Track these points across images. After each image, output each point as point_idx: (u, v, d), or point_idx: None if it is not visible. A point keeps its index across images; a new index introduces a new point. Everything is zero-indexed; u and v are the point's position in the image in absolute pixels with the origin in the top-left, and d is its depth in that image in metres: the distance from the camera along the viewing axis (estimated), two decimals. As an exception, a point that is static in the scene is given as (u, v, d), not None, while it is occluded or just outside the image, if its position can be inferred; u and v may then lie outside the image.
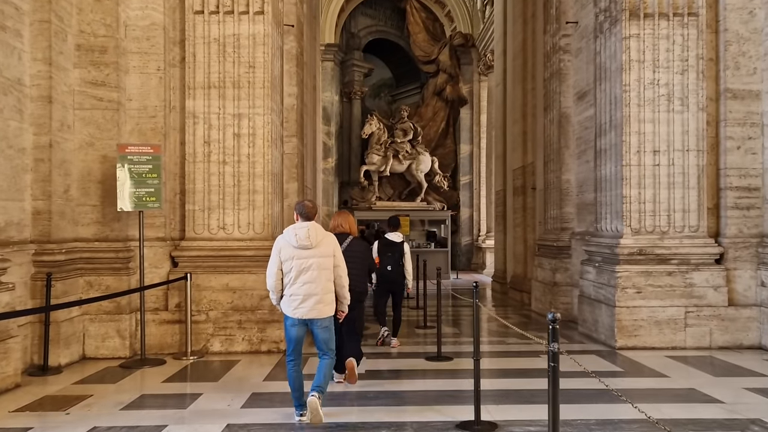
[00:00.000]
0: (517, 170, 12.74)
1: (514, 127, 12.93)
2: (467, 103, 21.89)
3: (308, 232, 4.38)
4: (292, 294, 4.37)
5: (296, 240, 4.38)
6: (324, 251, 4.45)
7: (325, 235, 4.54)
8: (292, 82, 9.22)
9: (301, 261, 4.37)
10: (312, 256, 4.38)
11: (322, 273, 4.41)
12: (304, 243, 4.36)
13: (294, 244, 4.39)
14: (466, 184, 21.88)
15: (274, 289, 4.49)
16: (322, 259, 4.42)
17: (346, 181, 22.48)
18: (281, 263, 4.43)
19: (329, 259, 4.47)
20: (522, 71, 12.36)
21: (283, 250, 4.42)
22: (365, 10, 23.48)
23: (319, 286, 4.38)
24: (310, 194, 12.00)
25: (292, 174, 9.17)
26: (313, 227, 4.45)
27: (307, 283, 4.36)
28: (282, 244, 4.45)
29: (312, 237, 4.38)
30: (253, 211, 6.86)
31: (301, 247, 4.37)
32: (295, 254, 4.38)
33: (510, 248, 13.57)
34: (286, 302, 4.42)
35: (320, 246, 4.43)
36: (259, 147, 6.87)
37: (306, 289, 4.35)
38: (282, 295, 4.47)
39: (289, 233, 4.44)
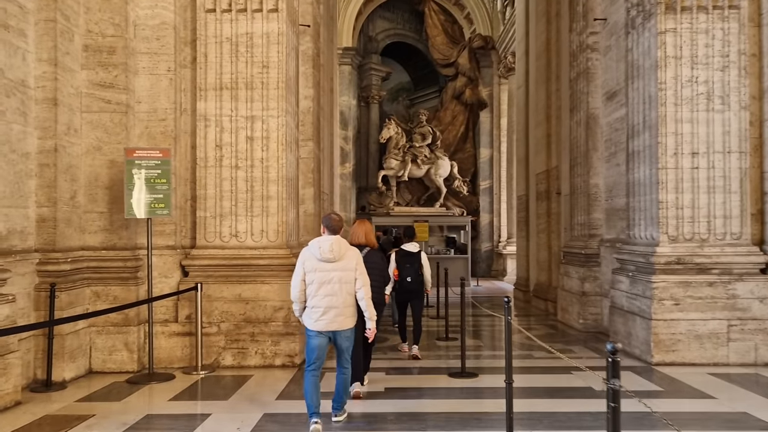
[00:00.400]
0: (540, 174, 12.31)
1: (537, 129, 12.51)
2: (487, 106, 21.46)
3: (332, 246, 4.44)
4: (314, 306, 4.44)
5: (320, 253, 4.44)
6: (346, 265, 4.50)
7: (348, 248, 4.59)
8: (309, 84, 8.91)
9: (323, 274, 4.43)
10: (334, 270, 4.45)
11: (344, 286, 4.47)
12: (327, 256, 4.42)
13: (318, 257, 4.45)
14: (486, 189, 21.44)
15: (297, 299, 4.53)
16: (344, 273, 4.48)
17: (363, 186, 22.16)
18: (305, 274, 4.47)
19: (351, 273, 4.52)
20: (545, 72, 11.94)
21: (307, 262, 4.49)
22: (383, 14, 23.19)
23: (340, 299, 4.44)
24: (327, 200, 11.69)
25: (308, 179, 8.85)
26: (337, 241, 4.51)
27: (328, 295, 4.42)
28: (306, 255, 4.52)
29: (335, 250, 4.44)
30: (266, 218, 6.53)
31: (325, 260, 4.43)
32: (318, 266, 4.44)
33: (533, 255, 13.13)
34: (308, 314, 4.48)
35: (343, 259, 4.49)
36: (273, 151, 6.55)
37: (327, 302, 4.41)
38: (305, 307, 4.52)
39: (314, 245, 4.50)
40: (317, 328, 4.42)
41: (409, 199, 21.16)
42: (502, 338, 8.81)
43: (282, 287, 6.43)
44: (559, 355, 4.56)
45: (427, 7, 22.25)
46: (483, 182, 21.48)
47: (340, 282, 4.45)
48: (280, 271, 6.48)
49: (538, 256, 12.49)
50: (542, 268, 12.14)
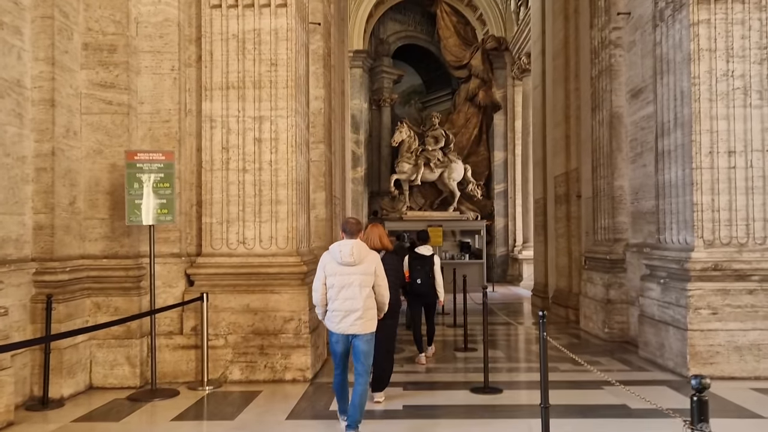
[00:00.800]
0: (558, 177, 11.89)
1: (555, 130, 12.10)
2: (501, 108, 21.06)
3: (351, 249, 4.46)
4: (334, 309, 4.48)
5: (340, 256, 4.47)
6: (366, 269, 4.51)
7: (368, 252, 4.61)
8: (319, 85, 8.58)
9: (343, 277, 4.46)
10: (354, 273, 4.47)
11: (363, 290, 4.49)
12: (347, 260, 4.44)
13: (338, 261, 4.48)
14: (500, 193, 21.01)
15: (320, 303, 4.59)
16: (363, 277, 4.50)
17: (375, 190, 21.80)
18: (326, 278, 4.53)
19: (370, 277, 4.54)
20: (563, 71, 11.54)
21: (328, 266, 4.53)
22: (394, 16, 22.88)
23: (360, 302, 4.46)
24: (339, 205, 11.35)
25: (320, 183, 8.50)
26: (357, 245, 4.52)
27: (349, 299, 4.45)
28: (327, 259, 4.56)
29: (355, 254, 4.45)
30: (275, 223, 6.18)
31: (345, 264, 4.46)
32: (338, 270, 4.48)
33: (551, 260, 12.69)
34: (329, 317, 4.53)
35: (363, 263, 4.51)
36: (282, 153, 6.21)
37: (347, 305, 4.45)
38: (326, 310, 4.57)
39: (334, 249, 4.54)
40: (338, 330, 4.49)
41: (422, 203, 20.78)
42: (523, 349, 8.40)
43: (293, 297, 6.08)
44: (587, 367, 4.20)
45: (439, 8, 21.91)
46: (497, 186, 21.05)
47: (360, 285, 4.47)
48: (291, 279, 6.13)
49: (557, 261, 12.07)
50: (562, 274, 11.71)
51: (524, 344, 8.79)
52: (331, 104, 9.43)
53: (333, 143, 10.12)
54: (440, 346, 8.39)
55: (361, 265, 4.48)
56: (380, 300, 4.64)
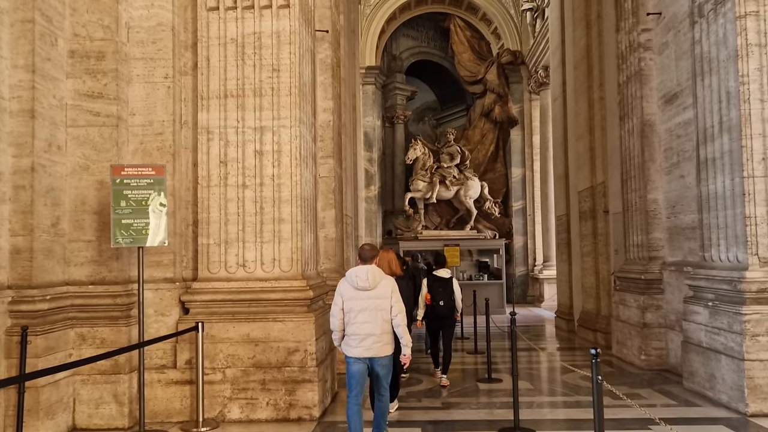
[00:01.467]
0: (583, 192, 11.23)
1: (578, 143, 11.47)
2: (518, 123, 20.46)
3: (366, 275, 4.59)
4: (352, 333, 4.58)
5: (356, 282, 4.60)
6: (381, 293, 4.61)
7: (383, 277, 4.71)
8: (328, 96, 8.05)
9: (360, 302, 4.58)
10: (370, 298, 4.58)
11: (380, 314, 4.58)
12: (363, 285, 4.58)
13: (354, 286, 4.61)
14: (518, 210, 20.33)
15: (337, 329, 4.69)
16: (379, 301, 4.60)
17: (389, 210, 21.22)
18: (343, 303, 4.63)
19: (386, 301, 4.62)
20: (586, 80, 10.95)
21: (345, 291, 4.65)
22: (407, 32, 22.49)
23: (376, 326, 4.56)
24: (350, 224, 10.77)
25: (329, 200, 7.93)
26: (372, 270, 4.64)
27: (366, 323, 4.55)
28: (344, 285, 4.69)
29: (370, 279, 4.58)
30: (278, 244, 5.60)
31: (361, 289, 4.58)
32: (354, 295, 4.60)
33: (577, 280, 11.98)
34: (347, 341, 4.63)
35: (378, 288, 4.61)
36: (285, 166, 5.64)
37: (364, 329, 4.55)
38: (343, 335, 4.67)
39: (351, 275, 4.66)
40: (355, 354, 4.57)
41: (438, 222, 20.14)
42: (552, 379, 7.69)
43: (298, 326, 5.46)
44: (628, 401, 3.58)
45: (453, 23, 21.49)
46: (515, 203, 20.38)
47: (376, 310, 4.57)
48: (295, 306, 5.52)
49: (582, 281, 11.35)
50: (588, 295, 10.99)
51: (553, 373, 8.07)
52: (341, 117, 8.90)
53: (344, 159, 9.57)
54: (461, 375, 7.72)
55: (376, 289, 4.59)
56: (395, 323, 4.65)
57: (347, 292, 4.61)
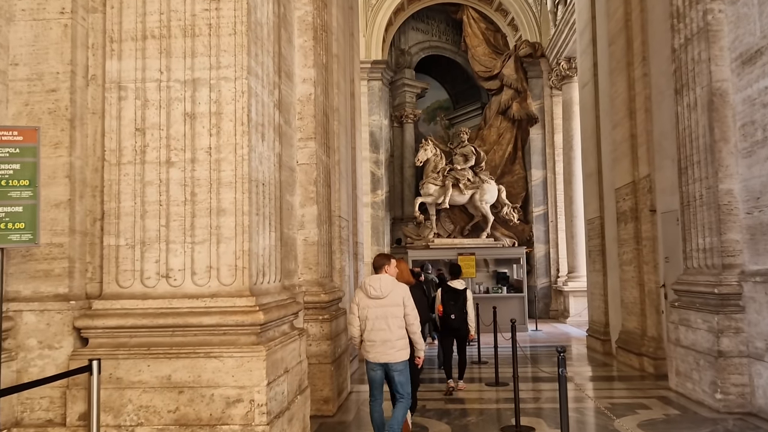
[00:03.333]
0: (622, 189, 9.46)
1: (615, 132, 9.71)
2: (537, 121, 18.70)
3: (378, 283, 4.85)
4: (368, 340, 4.86)
5: (368, 290, 4.87)
6: (394, 300, 4.84)
7: (395, 285, 4.92)
8: (308, 63, 6.40)
9: (373, 310, 4.84)
10: (383, 305, 4.83)
11: (393, 321, 4.83)
12: (374, 293, 4.84)
13: (367, 294, 4.88)
14: (539, 216, 18.52)
15: (356, 335, 4.98)
16: (392, 308, 4.84)
17: (398, 216, 19.52)
18: (358, 311, 4.90)
19: (399, 308, 4.86)
20: (625, 56, 9.21)
21: (360, 300, 4.92)
22: (416, 25, 20.89)
23: (390, 332, 4.81)
24: (346, 227, 9.09)
25: (309, 193, 6.25)
26: (384, 279, 4.90)
27: (380, 330, 4.82)
28: (360, 294, 4.96)
29: (383, 288, 4.84)
30: (217, 245, 3.90)
31: (373, 297, 4.84)
32: (368, 303, 4.86)
33: (613, 293, 10.18)
34: (365, 347, 4.90)
35: (390, 296, 4.85)
36: (227, 134, 3.96)
37: (380, 336, 4.81)
38: (362, 340, 4.92)
39: (364, 283, 4.94)
40: (373, 359, 4.82)
41: (452, 229, 18.39)
42: (598, 426, 5.88)
43: (241, 364, 3.73)
44: None
45: (466, 14, 19.86)
46: (536, 208, 18.57)
47: (390, 317, 4.81)
48: (239, 334, 3.81)
49: (622, 295, 9.55)
50: (630, 312, 9.18)
51: (597, 417, 6.25)
52: (329, 95, 7.24)
53: (334, 148, 7.91)
54: (478, 419, 5.97)
55: (388, 297, 4.83)
56: (410, 330, 4.92)
57: (362, 300, 4.90)
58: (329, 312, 6.35)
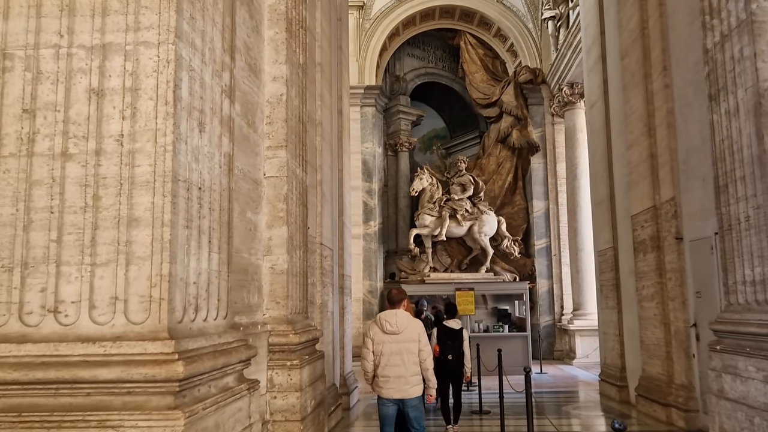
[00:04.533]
0: (640, 215, 8.43)
1: (630, 153, 8.73)
2: (539, 150, 17.79)
3: (394, 319, 4.88)
4: (382, 375, 4.85)
5: (384, 326, 4.87)
6: (409, 336, 4.89)
7: (410, 321, 4.98)
8: (279, 59, 5.41)
9: (388, 345, 4.84)
10: (398, 341, 4.85)
11: (408, 357, 4.85)
12: (390, 329, 4.85)
13: (383, 330, 4.87)
14: (541, 250, 17.44)
15: (369, 370, 4.94)
16: (407, 344, 4.87)
17: (392, 249, 18.43)
18: (373, 346, 4.88)
19: (414, 344, 4.90)
20: (641, 68, 8.29)
21: (375, 335, 4.91)
22: (412, 51, 20.17)
23: (404, 368, 4.83)
24: (330, 257, 8.02)
25: (278, 212, 5.19)
26: (399, 314, 4.94)
27: (394, 365, 4.82)
28: (374, 329, 4.96)
29: (399, 323, 4.87)
30: (125, 268, 2.81)
31: (389, 333, 4.85)
32: (383, 339, 4.86)
33: (631, 333, 9.06)
34: (377, 383, 4.90)
35: (405, 332, 4.88)
36: (145, 116, 2.92)
37: (394, 371, 4.82)
38: (375, 375, 4.90)
39: (380, 319, 4.94)
40: (386, 395, 4.85)
41: (449, 263, 17.29)
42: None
43: (154, 436, 2.62)
44: None
45: (463, 40, 19.14)
46: (538, 241, 17.51)
47: (405, 353, 4.85)
48: (151, 394, 2.69)
49: (642, 335, 8.43)
50: (653, 355, 8.05)
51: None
52: (306, 101, 6.23)
53: (313, 164, 6.92)
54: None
55: (404, 333, 4.86)
56: (424, 366, 4.94)
57: (377, 335, 4.89)
58: (300, 356, 5.21)
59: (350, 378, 9.48)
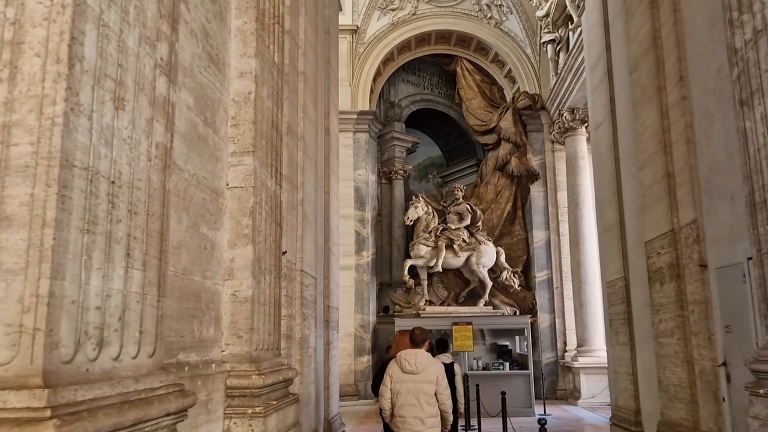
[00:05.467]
0: (655, 241, 7.64)
1: (643, 173, 7.99)
2: (539, 178, 17.12)
3: (414, 359, 4.92)
4: (399, 416, 4.88)
5: (404, 365, 4.92)
6: (427, 377, 4.90)
7: (430, 361, 5.00)
8: (248, 52, 4.67)
9: (406, 385, 4.88)
10: (416, 381, 4.88)
11: (423, 398, 4.85)
12: (409, 368, 4.88)
13: (402, 369, 4.91)
14: (542, 282, 16.61)
15: (386, 408, 4.98)
16: (425, 385, 4.89)
17: (386, 281, 17.58)
18: (392, 384, 4.93)
19: (431, 386, 4.90)
20: (654, 80, 7.60)
21: (394, 373, 4.97)
22: (407, 77, 19.65)
23: (421, 410, 4.82)
24: (313, 286, 7.20)
25: (241, 228, 4.38)
26: (420, 354, 4.99)
27: (412, 405, 4.83)
28: (394, 367, 5.00)
29: (418, 364, 4.90)
30: (-13, 285, 2.02)
31: (408, 372, 4.89)
32: (402, 378, 4.91)
33: (646, 373, 8.19)
34: (394, 422, 4.93)
35: (424, 372, 4.90)
36: (29, 78, 2.14)
37: (410, 412, 4.83)
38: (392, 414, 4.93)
39: (400, 358, 5.00)
40: None
41: (445, 296, 16.44)
42: None
43: None
44: None
45: (460, 66, 18.63)
46: (539, 273, 16.70)
47: (420, 393, 4.85)
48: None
49: (660, 375, 7.55)
50: (674, 397, 7.17)
51: None
52: (281, 105, 5.48)
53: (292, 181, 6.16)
54: None
55: (423, 373, 4.87)
56: (442, 408, 4.96)
57: (396, 374, 4.94)
58: (266, 401, 4.34)
59: (336, 422, 8.54)
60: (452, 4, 17.79)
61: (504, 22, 17.68)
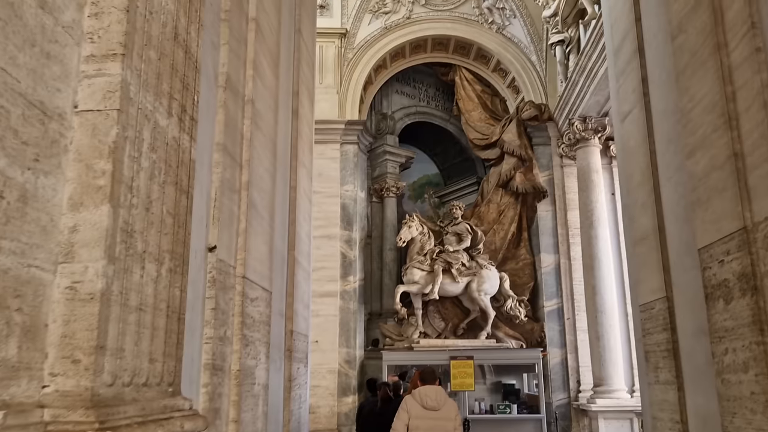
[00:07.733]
0: (716, 246, 5.78)
1: (694, 161, 6.20)
2: (546, 196, 15.35)
3: (436, 395, 5.29)
4: None
5: (425, 401, 5.22)
6: (446, 414, 5.24)
7: (446, 399, 5.43)
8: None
9: (427, 421, 5.14)
10: (436, 418, 5.17)
11: None
12: (431, 404, 5.22)
13: (423, 405, 5.22)
14: (552, 312, 14.67)
15: None
16: (444, 422, 5.17)
17: (376, 311, 15.65)
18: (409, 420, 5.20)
19: (450, 423, 5.19)
20: (711, 36, 5.83)
21: (412, 409, 5.26)
22: (401, 88, 18.07)
23: None
24: (263, 301, 5.42)
25: (93, 176, 2.55)
26: (439, 391, 5.38)
27: None
28: (411, 403, 5.30)
29: (439, 400, 5.29)
30: None
31: (429, 408, 5.21)
32: (423, 414, 5.19)
33: (703, 420, 6.24)
34: None
35: (443, 409, 5.27)
36: None
37: None
38: None
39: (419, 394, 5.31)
40: None
41: (442, 327, 14.48)
42: None
43: None
44: None
45: (458, 76, 17.04)
46: (547, 302, 14.75)
47: (442, 430, 5.09)
48: None
49: (728, 423, 5.58)
50: (751, 455, 5.24)
51: None
52: (195, 17, 3.74)
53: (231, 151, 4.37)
54: None
55: (442, 410, 5.23)
56: None
57: (415, 410, 5.19)
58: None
59: (302, 482, 6.56)
60: (450, 7, 16.32)
61: (507, 27, 16.18)
